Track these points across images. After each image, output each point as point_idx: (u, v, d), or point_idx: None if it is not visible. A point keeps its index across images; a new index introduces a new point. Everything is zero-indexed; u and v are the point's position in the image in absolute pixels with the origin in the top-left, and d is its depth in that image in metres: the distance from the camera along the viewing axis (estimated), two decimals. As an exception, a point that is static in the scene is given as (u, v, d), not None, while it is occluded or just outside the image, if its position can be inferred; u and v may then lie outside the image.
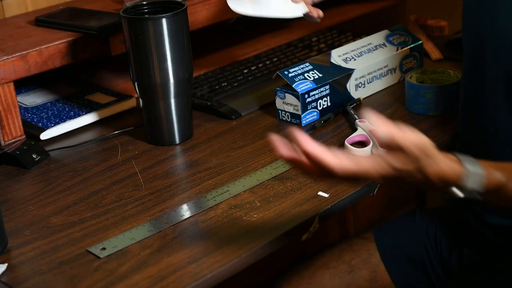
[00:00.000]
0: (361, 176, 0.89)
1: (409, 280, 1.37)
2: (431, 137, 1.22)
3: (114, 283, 0.93)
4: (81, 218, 1.08)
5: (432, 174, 0.90)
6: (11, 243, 1.02)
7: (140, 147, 1.28)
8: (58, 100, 1.44)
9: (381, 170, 0.89)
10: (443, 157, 0.91)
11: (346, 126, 1.29)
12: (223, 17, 1.52)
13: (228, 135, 1.30)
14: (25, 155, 1.24)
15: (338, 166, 0.88)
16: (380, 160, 0.89)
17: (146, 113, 1.27)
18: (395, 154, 0.89)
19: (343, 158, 0.88)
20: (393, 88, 1.43)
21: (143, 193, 1.13)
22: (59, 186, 1.17)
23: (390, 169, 0.89)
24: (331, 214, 1.07)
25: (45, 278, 0.95)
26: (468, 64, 1.18)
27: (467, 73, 1.19)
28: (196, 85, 1.46)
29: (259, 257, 0.99)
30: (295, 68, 1.33)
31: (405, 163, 0.89)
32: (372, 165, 0.89)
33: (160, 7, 1.26)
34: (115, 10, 1.46)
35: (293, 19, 1.34)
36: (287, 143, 0.89)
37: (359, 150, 1.18)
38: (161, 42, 1.21)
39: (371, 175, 0.89)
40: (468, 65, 1.18)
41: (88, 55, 1.37)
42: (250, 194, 1.11)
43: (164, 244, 1.00)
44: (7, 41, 1.35)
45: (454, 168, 0.92)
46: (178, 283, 0.92)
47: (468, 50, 1.18)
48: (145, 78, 1.23)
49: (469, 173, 0.92)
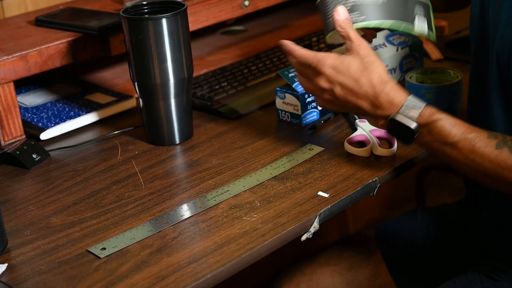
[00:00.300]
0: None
1: (409, 278, 1.37)
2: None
3: (114, 283, 0.93)
4: (81, 218, 1.08)
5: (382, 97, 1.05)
6: (11, 243, 1.02)
7: (140, 147, 1.28)
8: (58, 100, 1.44)
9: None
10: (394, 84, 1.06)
11: (346, 126, 1.29)
12: (223, 17, 1.52)
13: (228, 135, 1.30)
14: (25, 155, 1.24)
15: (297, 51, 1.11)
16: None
17: (146, 113, 1.27)
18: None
19: (305, 50, 1.10)
20: (393, 88, 1.42)
21: (143, 193, 1.13)
22: (59, 186, 1.17)
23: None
24: (331, 214, 1.07)
25: (45, 278, 0.95)
26: (473, 59, 1.19)
27: (473, 70, 1.20)
28: (196, 85, 1.46)
29: (259, 257, 0.99)
30: (295, 68, 1.33)
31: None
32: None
33: (160, 7, 1.26)
34: (115, 10, 1.46)
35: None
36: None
37: (359, 150, 1.18)
38: (161, 42, 1.21)
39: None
40: (473, 61, 1.19)
41: (88, 55, 1.37)
42: (250, 194, 1.11)
43: (164, 244, 1.00)
44: (7, 41, 1.35)
45: (399, 94, 1.06)
46: (178, 283, 0.92)
47: (474, 47, 1.19)
48: (145, 78, 1.23)
49: (409, 101, 1.05)
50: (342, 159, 1.18)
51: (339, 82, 1.07)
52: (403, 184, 2.44)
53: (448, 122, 1.03)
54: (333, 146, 1.23)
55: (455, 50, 1.59)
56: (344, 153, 1.20)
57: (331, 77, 1.07)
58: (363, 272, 1.38)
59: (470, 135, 1.02)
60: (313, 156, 1.20)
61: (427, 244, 1.37)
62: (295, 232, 1.03)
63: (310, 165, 1.17)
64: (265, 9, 1.63)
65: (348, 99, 1.07)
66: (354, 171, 1.15)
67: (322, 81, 1.08)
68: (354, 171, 1.14)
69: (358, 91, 1.06)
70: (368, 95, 1.06)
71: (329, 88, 1.08)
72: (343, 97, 1.07)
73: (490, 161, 1.01)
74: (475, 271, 1.25)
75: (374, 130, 1.23)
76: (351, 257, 1.39)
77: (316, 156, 1.20)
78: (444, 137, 1.03)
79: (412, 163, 1.18)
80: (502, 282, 1.20)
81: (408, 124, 1.04)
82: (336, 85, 1.07)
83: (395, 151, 1.18)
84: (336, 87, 1.07)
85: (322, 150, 1.21)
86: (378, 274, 1.38)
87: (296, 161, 1.19)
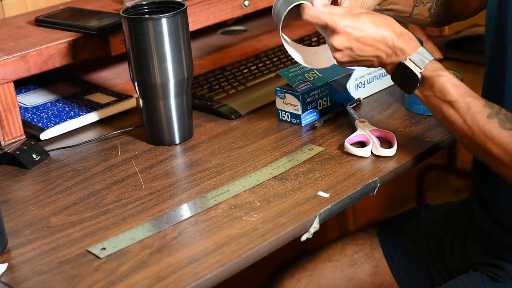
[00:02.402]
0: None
1: (411, 276, 1.37)
2: (431, 137, 1.23)
3: (114, 283, 0.93)
4: (81, 218, 1.08)
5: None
6: (11, 243, 1.02)
7: (140, 147, 1.28)
8: (58, 100, 1.44)
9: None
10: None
11: (346, 126, 1.29)
12: (223, 17, 1.52)
13: (228, 135, 1.30)
14: (25, 155, 1.24)
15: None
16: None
17: (146, 113, 1.27)
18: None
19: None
20: (393, 88, 1.42)
21: (143, 193, 1.13)
22: (59, 186, 1.17)
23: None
24: (331, 214, 1.07)
25: (45, 278, 0.95)
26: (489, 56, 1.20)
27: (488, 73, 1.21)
28: (196, 85, 1.46)
29: (259, 257, 0.99)
30: (295, 68, 1.33)
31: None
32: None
33: (160, 7, 1.26)
34: (115, 10, 1.46)
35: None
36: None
37: (359, 150, 1.18)
38: (161, 42, 1.21)
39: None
40: (489, 53, 1.20)
41: (88, 55, 1.37)
42: (250, 194, 1.11)
43: (164, 244, 1.00)
44: (7, 41, 1.35)
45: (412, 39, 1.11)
46: (178, 283, 0.92)
47: (490, 39, 1.19)
48: (145, 78, 1.23)
49: (420, 50, 1.10)
50: (342, 159, 1.18)
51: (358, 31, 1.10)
52: (403, 184, 2.44)
53: (451, 81, 1.08)
54: (333, 146, 1.23)
55: (455, 50, 1.59)
56: (344, 153, 1.20)
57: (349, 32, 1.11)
58: (364, 269, 1.38)
59: (468, 98, 1.06)
60: (313, 156, 1.20)
61: (429, 242, 1.37)
62: (295, 232, 1.03)
63: (310, 165, 1.17)
64: (265, 9, 1.63)
65: (364, 49, 1.11)
66: (354, 171, 1.15)
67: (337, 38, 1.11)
68: (354, 171, 1.14)
69: (377, 39, 1.10)
70: (387, 41, 1.10)
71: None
72: (361, 48, 1.11)
73: (478, 128, 1.04)
74: (476, 271, 1.25)
75: (374, 130, 1.23)
76: (353, 253, 1.40)
77: (316, 156, 1.20)
78: (443, 94, 1.07)
79: (412, 163, 1.18)
80: (505, 284, 1.20)
81: (414, 70, 1.08)
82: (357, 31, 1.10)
83: (395, 151, 1.18)
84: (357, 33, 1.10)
85: (322, 150, 1.21)
86: (380, 271, 1.38)
87: (296, 161, 1.19)
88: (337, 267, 1.39)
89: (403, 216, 1.44)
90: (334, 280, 1.38)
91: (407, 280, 1.37)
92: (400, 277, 1.37)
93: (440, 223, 1.38)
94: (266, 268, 1.52)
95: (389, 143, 1.21)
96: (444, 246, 1.34)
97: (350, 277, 1.38)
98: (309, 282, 1.39)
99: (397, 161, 1.17)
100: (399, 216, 1.45)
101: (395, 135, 1.21)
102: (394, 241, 1.40)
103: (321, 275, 1.39)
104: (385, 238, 1.40)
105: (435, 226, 1.37)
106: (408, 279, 1.37)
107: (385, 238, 1.40)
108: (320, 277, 1.38)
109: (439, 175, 2.63)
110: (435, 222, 1.38)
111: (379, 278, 1.38)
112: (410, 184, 2.48)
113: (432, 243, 1.36)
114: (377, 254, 1.39)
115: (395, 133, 1.22)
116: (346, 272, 1.38)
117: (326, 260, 1.40)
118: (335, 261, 1.39)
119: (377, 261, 1.39)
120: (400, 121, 1.30)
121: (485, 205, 1.25)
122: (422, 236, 1.38)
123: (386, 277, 1.38)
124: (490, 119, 1.03)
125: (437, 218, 1.39)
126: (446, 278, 1.33)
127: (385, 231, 1.41)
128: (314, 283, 1.39)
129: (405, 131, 1.26)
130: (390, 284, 1.38)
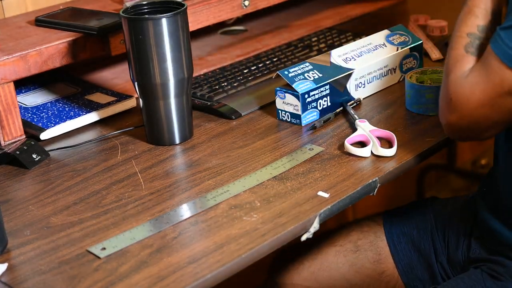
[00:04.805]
0: None
1: (412, 267, 1.37)
2: (431, 137, 1.23)
3: (114, 283, 0.93)
4: (81, 218, 1.08)
5: None
6: (11, 243, 1.02)
7: (140, 147, 1.28)
8: (58, 100, 1.44)
9: None
10: None
11: (346, 126, 1.29)
12: (223, 17, 1.52)
13: (228, 135, 1.30)
14: (25, 155, 1.24)
15: None
16: None
17: (146, 113, 1.27)
18: None
19: None
20: (393, 88, 1.43)
21: (143, 193, 1.13)
22: (59, 186, 1.18)
23: None
24: (331, 214, 1.07)
25: (45, 278, 0.95)
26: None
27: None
28: (196, 85, 1.46)
29: (259, 257, 0.99)
30: (295, 68, 1.33)
31: None
32: None
33: (160, 7, 1.26)
34: (115, 10, 1.46)
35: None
36: None
37: (359, 150, 1.18)
38: (161, 42, 1.21)
39: None
40: None
41: (88, 55, 1.37)
42: (250, 194, 1.11)
43: (164, 244, 1.00)
44: (7, 41, 1.35)
45: None
46: (178, 283, 0.92)
47: None
48: (145, 78, 1.23)
49: None
50: (342, 159, 1.18)
51: None
52: (403, 184, 2.44)
53: None
54: (333, 146, 1.23)
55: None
56: (344, 153, 1.20)
57: None
58: (367, 256, 1.39)
59: (471, 14, 1.09)
60: (313, 156, 1.20)
61: (434, 235, 1.37)
62: (295, 232, 1.03)
63: (310, 165, 1.17)
64: (265, 9, 1.63)
65: None
66: (354, 171, 1.15)
67: None
68: (354, 171, 1.15)
69: None
70: None
71: None
72: None
73: (451, 48, 1.09)
74: (477, 268, 1.25)
75: (374, 130, 1.23)
76: (357, 239, 1.40)
77: (316, 156, 1.20)
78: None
79: (412, 163, 1.18)
80: (506, 283, 1.20)
81: None
82: None
83: (395, 151, 1.18)
84: None
85: (322, 150, 1.21)
86: (382, 259, 1.39)
87: (296, 161, 1.19)
88: (340, 251, 1.40)
89: (409, 207, 1.44)
90: (337, 264, 1.38)
91: (408, 270, 1.37)
92: (401, 266, 1.37)
93: (446, 216, 1.38)
94: (266, 268, 1.52)
95: (389, 143, 1.21)
96: (449, 240, 1.34)
97: (352, 263, 1.38)
98: (312, 264, 1.39)
99: (397, 161, 1.17)
100: (406, 207, 1.45)
101: (395, 135, 1.21)
102: (399, 231, 1.40)
103: (323, 258, 1.39)
104: (390, 227, 1.40)
105: (441, 219, 1.37)
106: (409, 270, 1.37)
107: (390, 227, 1.40)
108: (322, 261, 1.39)
109: (439, 175, 2.63)
110: (441, 215, 1.38)
111: (381, 266, 1.38)
112: (410, 184, 2.47)
113: (436, 237, 1.36)
114: (381, 242, 1.39)
115: (395, 133, 1.22)
116: (349, 258, 1.39)
117: (330, 244, 1.40)
118: (339, 245, 1.40)
119: (380, 249, 1.39)
120: (400, 121, 1.30)
121: (488, 201, 1.25)
122: (426, 228, 1.38)
123: (388, 266, 1.38)
124: (465, 52, 1.07)
125: (443, 212, 1.39)
126: (448, 271, 1.33)
127: (391, 221, 1.42)
128: (317, 266, 1.39)
129: (405, 131, 1.26)
130: (391, 273, 1.38)
